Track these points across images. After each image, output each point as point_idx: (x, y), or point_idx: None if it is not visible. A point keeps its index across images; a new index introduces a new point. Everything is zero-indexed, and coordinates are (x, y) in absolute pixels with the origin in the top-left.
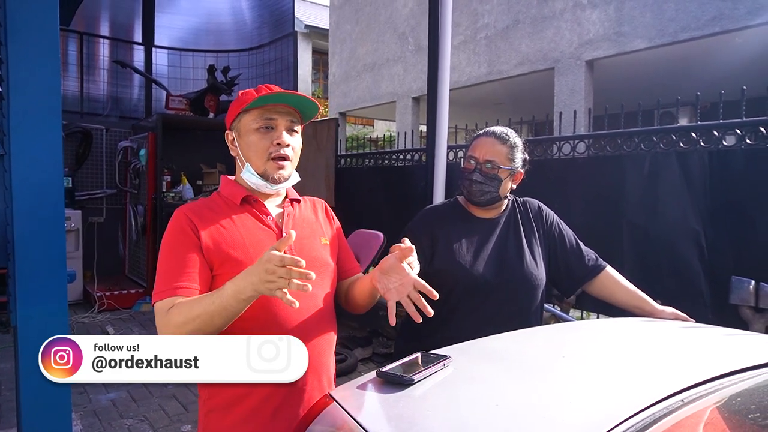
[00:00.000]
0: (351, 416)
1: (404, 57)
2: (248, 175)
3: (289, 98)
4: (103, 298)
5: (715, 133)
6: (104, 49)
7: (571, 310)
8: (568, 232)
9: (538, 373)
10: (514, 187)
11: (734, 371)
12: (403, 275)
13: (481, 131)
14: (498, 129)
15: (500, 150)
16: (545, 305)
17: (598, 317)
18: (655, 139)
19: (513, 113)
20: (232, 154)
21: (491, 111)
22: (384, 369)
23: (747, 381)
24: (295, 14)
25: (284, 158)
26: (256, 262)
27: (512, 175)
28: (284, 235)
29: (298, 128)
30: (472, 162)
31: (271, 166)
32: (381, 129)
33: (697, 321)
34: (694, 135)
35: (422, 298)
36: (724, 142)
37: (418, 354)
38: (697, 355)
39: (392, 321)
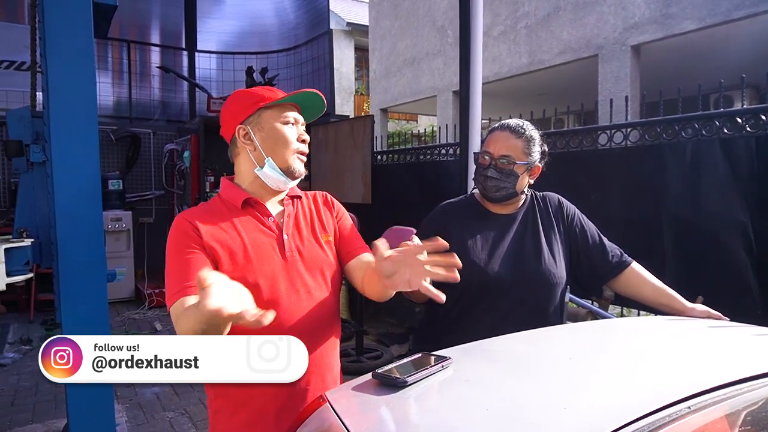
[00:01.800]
0: (339, 418)
1: (444, 50)
2: (270, 171)
3: (309, 95)
4: (153, 296)
5: (763, 117)
6: (153, 56)
7: (611, 307)
8: (591, 227)
9: (539, 376)
10: (532, 181)
11: (754, 376)
12: (409, 262)
13: (496, 125)
14: (513, 122)
15: (516, 144)
16: (583, 301)
17: (638, 314)
18: (697, 125)
19: (556, 103)
20: (246, 149)
21: (533, 102)
22: (380, 370)
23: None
24: (338, 12)
25: (304, 154)
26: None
27: (529, 169)
28: (285, 236)
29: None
30: (487, 157)
31: (296, 160)
32: (424, 124)
33: (745, 316)
34: (739, 120)
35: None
36: None
37: (419, 354)
38: (717, 357)
39: (439, 298)
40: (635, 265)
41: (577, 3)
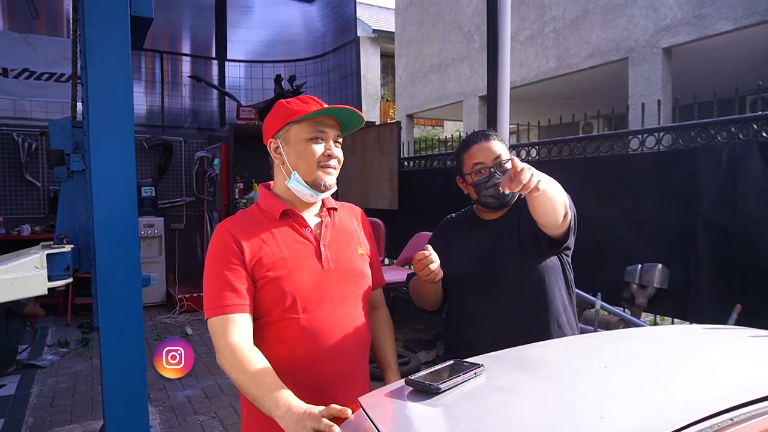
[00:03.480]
0: (373, 424)
1: (470, 56)
2: (296, 184)
3: (340, 112)
4: (184, 300)
5: None
6: (184, 66)
7: (643, 315)
8: None
9: (573, 385)
10: None
11: None
12: None
13: (464, 142)
14: (479, 132)
15: (498, 144)
16: (615, 309)
17: (672, 322)
18: (733, 129)
19: (584, 107)
20: (276, 162)
21: (561, 106)
22: (413, 377)
23: None
24: (363, 19)
25: (333, 167)
26: (298, 410)
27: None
28: (322, 247)
29: (340, 140)
30: (482, 170)
31: (321, 173)
32: (450, 129)
33: None
34: None
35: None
36: None
37: (452, 361)
38: (759, 367)
39: None
40: None
41: (606, 6)
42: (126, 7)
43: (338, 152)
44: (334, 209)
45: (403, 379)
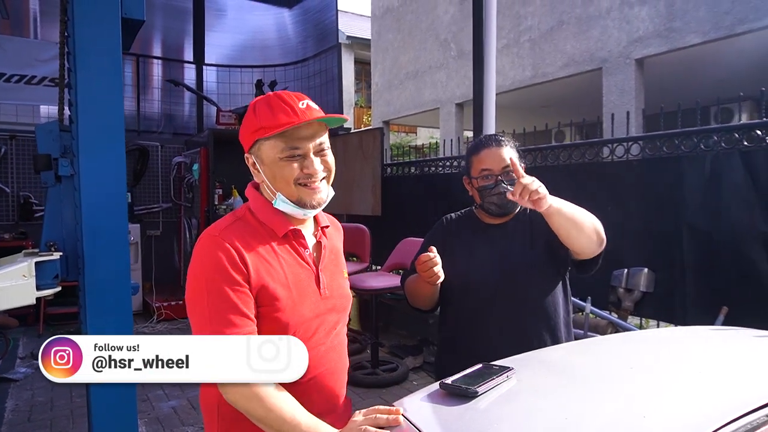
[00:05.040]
0: (418, 430)
1: (447, 63)
2: (283, 206)
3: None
4: (161, 309)
5: None
6: (158, 69)
7: (630, 318)
8: None
9: (605, 385)
10: None
11: None
12: None
13: (475, 145)
14: (492, 136)
15: (509, 151)
16: (602, 312)
17: (658, 325)
18: (716, 138)
19: (559, 116)
20: (256, 180)
21: (537, 115)
22: (447, 381)
23: None
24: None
25: (315, 183)
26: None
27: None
28: (321, 274)
29: (327, 143)
30: (489, 176)
31: (304, 192)
32: (424, 136)
33: None
34: (759, 132)
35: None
36: None
37: (481, 365)
38: None
39: None
40: None
41: (580, 17)
42: (117, 9)
43: (319, 165)
44: (327, 227)
45: (437, 383)
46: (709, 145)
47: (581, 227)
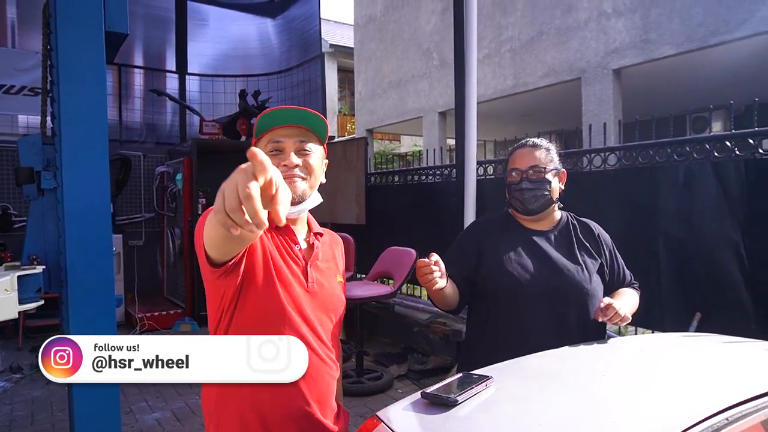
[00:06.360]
0: None
1: (429, 72)
2: None
3: (290, 116)
4: (144, 319)
5: (751, 141)
6: (139, 79)
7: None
8: (620, 260)
9: (579, 392)
10: (562, 186)
11: None
12: None
13: (515, 146)
14: (529, 140)
15: (538, 155)
16: None
17: (636, 331)
18: (688, 148)
19: (540, 125)
20: None
21: (518, 124)
22: (428, 390)
23: None
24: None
25: (296, 176)
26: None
27: (558, 174)
28: (309, 268)
29: (312, 147)
30: (515, 174)
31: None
32: (407, 144)
33: (740, 333)
34: (728, 143)
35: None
36: (761, 150)
37: (461, 374)
38: (740, 371)
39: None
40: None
41: (559, 28)
42: (100, 23)
43: (296, 159)
44: (320, 234)
45: (419, 393)
46: (683, 154)
47: None
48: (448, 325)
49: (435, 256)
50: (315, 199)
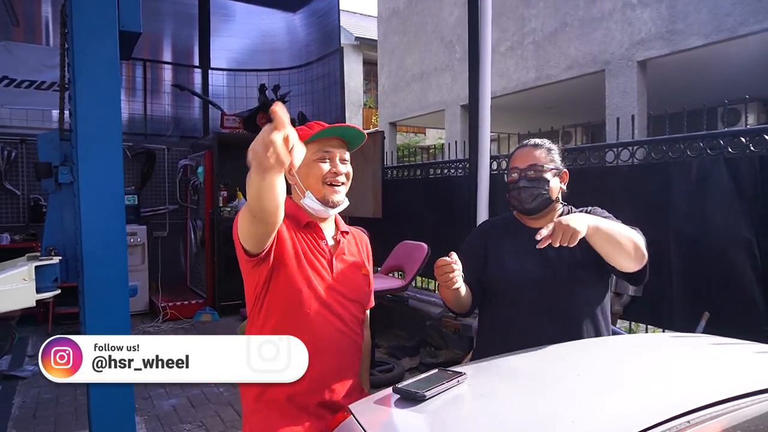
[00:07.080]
0: (363, 429)
1: (452, 65)
2: (309, 202)
3: (341, 130)
4: (167, 309)
5: (766, 137)
6: (166, 74)
7: (619, 321)
8: None
9: (549, 391)
10: (564, 187)
11: (753, 392)
12: None
13: (516, 147)
14: (531, 140)
15: (538, 154)
16: None
17: (646, 329)
18: (702, 144)
19: (564, 118)
20: (290, 182)
21: (541, 116)
22: (400, 385)
23: (765, 404)
24: (346, 26)
25: (339, 184)
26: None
27: (558, 174)
28: (334, 260)
29: (348, 157)
30: (515, 174)
31: (328, 190)
32: (433, 136)
33: (751, 332)
34: (743, 139)
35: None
36: None
37: (436, 370)
38: (717, 373)
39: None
40: None
41: (583, 19)
42: (114, 22)
43: (344, 168)
44: (346, 232)
45: (391, 387)
46: (696, 149)
47: (618, 246)
48: (458, 320)
49: (454, 255)
50: (346, 202)
